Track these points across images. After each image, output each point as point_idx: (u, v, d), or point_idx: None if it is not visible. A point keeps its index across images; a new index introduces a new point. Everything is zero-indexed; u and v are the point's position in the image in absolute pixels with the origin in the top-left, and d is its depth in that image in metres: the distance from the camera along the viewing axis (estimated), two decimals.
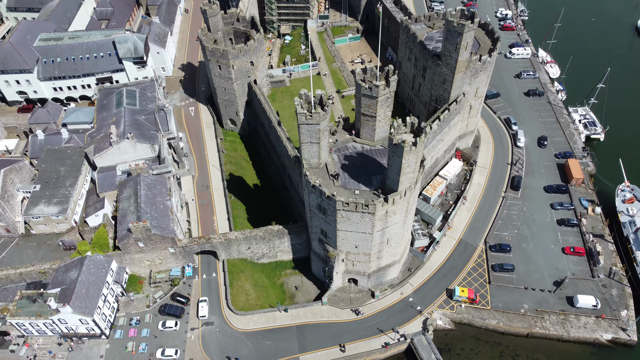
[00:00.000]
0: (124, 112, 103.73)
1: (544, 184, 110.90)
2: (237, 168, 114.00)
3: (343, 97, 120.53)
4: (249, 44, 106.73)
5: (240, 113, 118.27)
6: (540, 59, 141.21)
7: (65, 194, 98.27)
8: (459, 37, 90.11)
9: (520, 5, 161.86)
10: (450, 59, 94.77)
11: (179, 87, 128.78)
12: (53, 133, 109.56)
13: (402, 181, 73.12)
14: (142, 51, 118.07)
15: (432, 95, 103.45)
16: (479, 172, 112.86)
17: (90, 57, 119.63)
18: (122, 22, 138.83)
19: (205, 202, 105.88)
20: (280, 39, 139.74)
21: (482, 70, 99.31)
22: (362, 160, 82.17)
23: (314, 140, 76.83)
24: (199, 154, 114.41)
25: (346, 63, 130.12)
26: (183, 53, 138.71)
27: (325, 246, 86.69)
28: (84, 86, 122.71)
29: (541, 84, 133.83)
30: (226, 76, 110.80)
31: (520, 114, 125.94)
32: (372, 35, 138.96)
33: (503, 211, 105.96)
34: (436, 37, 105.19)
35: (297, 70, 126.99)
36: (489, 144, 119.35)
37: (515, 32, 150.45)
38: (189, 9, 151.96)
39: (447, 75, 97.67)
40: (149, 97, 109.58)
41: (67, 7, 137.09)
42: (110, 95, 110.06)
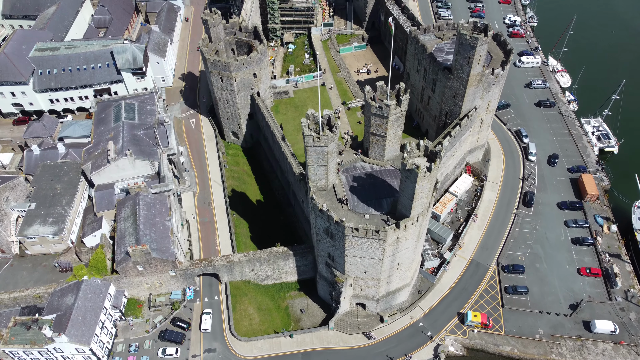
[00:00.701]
0: (122, 127, 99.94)
1: (557, 200, 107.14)
2: (240, 183, 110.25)
3: (349, 109, 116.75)
4: (252, 56, 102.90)
5: (242, 126, 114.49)
6: (550, 68, 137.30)
7: (62, 213, 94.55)
8: (472, 50, 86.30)
9: (528, 11, 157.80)
10: (462, 73, 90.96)
11: (179, 97, 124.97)
12: (49, 147, 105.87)
13: (414, 207, 69.38)
14: (141, 62, 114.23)
15: (442, 109, 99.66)
16: (489, 187, 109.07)
17: (87, 67, 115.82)
18: (121, 30, 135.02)
19: (207, 220, 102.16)
20: (284, 48, 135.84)
21: (494, 84, 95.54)
22: (372, 182, 78.39)
23: (322, 162, 73.07)
24: (200, 168, 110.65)
25: (351, 73, 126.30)
26: (183, 62, 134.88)
27: (333, 270, 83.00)
28: (81, 97, 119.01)
29: (552, 94, 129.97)
30: (228, 88, 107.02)
31: (531, 126, 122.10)
32: (378, 43, 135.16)
33: (515, 229, 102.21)
34: (446, 48, 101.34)
35: (301, 81, 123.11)
36: (499, 157, 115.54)
37: (525, 39, 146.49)
38: (189, 17, 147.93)
39: (459, 89, 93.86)
40: (149, 111, 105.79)
41: (64, 14, 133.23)
42: (108, 108, 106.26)
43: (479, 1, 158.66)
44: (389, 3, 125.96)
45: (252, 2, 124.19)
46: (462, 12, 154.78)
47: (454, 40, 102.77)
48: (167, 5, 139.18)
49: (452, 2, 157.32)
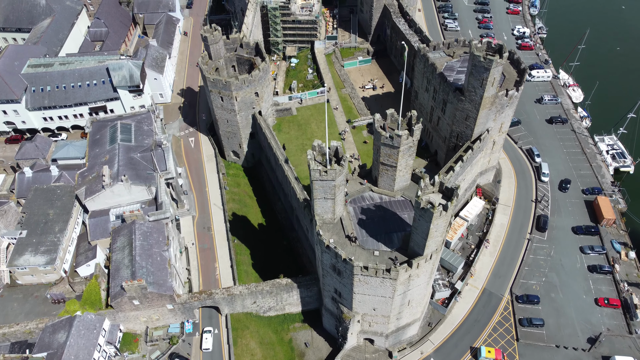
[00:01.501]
0: (117, 150, 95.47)
1: (572, 224, 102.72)
2: (241, 206, 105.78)
3: (354, 128, 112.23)
4: (254, 75, 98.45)
5: (243, 145, 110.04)
6: (561, 82, 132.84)
7: (54, 242, 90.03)
8: (486, 72, 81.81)
9: (538, 22, 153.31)
10: (475, 95, 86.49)
11: (178, 114, 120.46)
12: (42, 169, 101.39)
13: (428, 245, 64.97)
14: (138, 79, 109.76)
15: (453, 131, 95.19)
16: (501, 210, 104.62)
17: (82, 85, 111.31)
18: (118, 43, 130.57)
19: (207, 246, 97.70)
20: (286, 62, 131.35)
21: (508, 106, 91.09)
22: (381, 215, 73.96)
23: (329, 196, 68.66)
24: (200, 190, 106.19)
25: (356, 89, 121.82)
26: (182, 76, 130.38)
27: (340, 306, 78.56)
28: (76, 115, 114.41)
29: (564, 110, 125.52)
30: (229, 108, 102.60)
31: (543, 144, 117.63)
32: (384, 57, 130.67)
33: (529, 256, 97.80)
34: (457, 67, 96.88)
35: (304, 97, 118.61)
36: (510, 178, 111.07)
37: (534, 52, 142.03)
38: (189, 29, 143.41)
39: (471, 111, 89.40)
40: (146, 132, 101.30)
41: (58, 27, 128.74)
42: (103, 129, 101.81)
43: (486, 12, 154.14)
44: (395, 16, 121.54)
45: (254, 15, 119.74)
46: (469, 23, 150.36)
47: (465, 58, 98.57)
48: (166, 17, 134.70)
49: (459, 12, 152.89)
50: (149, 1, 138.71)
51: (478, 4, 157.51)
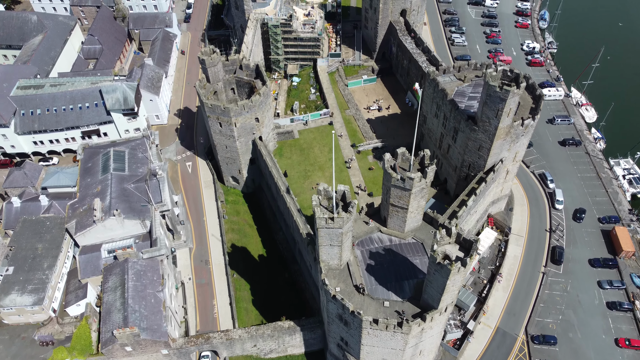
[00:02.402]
0: (110, 180, 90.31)
1: (589, 256, 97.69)
2: (240, 236, 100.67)
3: (359, 153, 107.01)
4: (254, 100, 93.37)
5: (243, 171, 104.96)
6: (573, 101, 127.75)
7: (42, 279, 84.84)
8: (502, 103, 76.70)
9: (547, 36, 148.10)
10: (489, 126, 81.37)
11: (175, 137, 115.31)
12: (31, 199, 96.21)
13: (444, 299, 59.86)
14: (133, 102, 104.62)
15: (465, 161, 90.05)
16: (514, 241, 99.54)
17: (74, 107, 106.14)
18: (112, 61, 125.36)
19: (204, 281, 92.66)
20: (287, 80, 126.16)
21: (523, 135, 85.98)
22: (391, 260, 68.84)
23: (335, 243, 63.59)
24: (197, 220, 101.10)
25: (361, 110, 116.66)
26: (179, 96, 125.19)
27: (346, 354, 73.46)
28: (67, 139, 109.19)
29: (577, 131, 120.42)
30: (227, 134, 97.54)
31: (556, 168, 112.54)
32: (389, 75, 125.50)
33: (544, 291, 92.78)
34: (468, 92, 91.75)
35: (307, 119, 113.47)
36: (523, 205, 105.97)
37: (545, 68, 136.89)
38: (187, 44, 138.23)
39: (484, 142, 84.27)
40: (140, 159, 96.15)
41: (50, 45, 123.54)
42: (95, 156, 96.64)
43: (494, 25, 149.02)
44: (401, 34, 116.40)
45: (254, 33, 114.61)
46: (477, 37, 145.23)
47: (477, 82, 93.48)
48: (162, 33, 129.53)
49: (467, 26, 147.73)
50: (145, 17, 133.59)
51: (486, 17, 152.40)
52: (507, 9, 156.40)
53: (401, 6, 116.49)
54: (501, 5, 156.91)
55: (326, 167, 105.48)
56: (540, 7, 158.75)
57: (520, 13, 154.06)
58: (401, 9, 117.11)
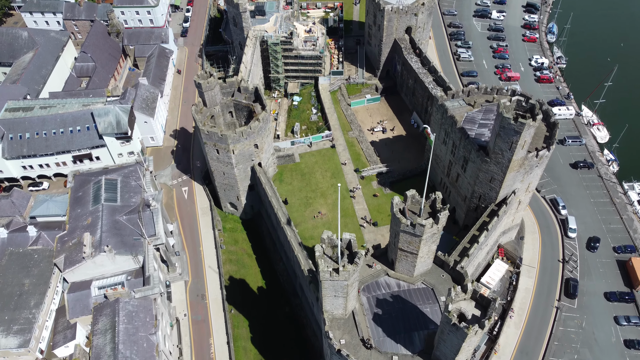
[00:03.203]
0: (101, 212, 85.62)
1: (605, 288, 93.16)
2: (239, 267, 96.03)
3: (363, 179, 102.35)
4: (253, 126, 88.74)
5: (241, 197, 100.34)
6: (584, 120, 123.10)
7: (29, 319, 79.99)
8: (516, 136, 72.09)
9: (556, 50, 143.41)
10: (502, 158, 76.76)
11: (170, 160, 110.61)
12: (18, 229, 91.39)
13: (458, 359, 55.20)
14: (126, 125, 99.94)
15: (475, 192, 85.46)
16: (525, 272, 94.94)
17: (65, 131, 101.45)
18: (106, 79, 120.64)
19: (201, 317, 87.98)
20: (288, 99, 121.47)
21: (537, 166, 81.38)
22: (400, 308, 64.28)
23: (340, 294, 58.99)
24: (193, 250, 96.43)
25: (364, 131, 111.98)
26: (175, 115, 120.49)
27: None
28: (58, 164, 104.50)
29: (589, 152, 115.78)
30: (225, 161, 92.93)
31: (568, 192, 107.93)
32: (393, 94, 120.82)
33: (558, 328, 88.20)
34: (478, 118, 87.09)
35: (308, 142, 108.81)
36: (534, 233, 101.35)
37: (554, 85, 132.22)
38: (183, 63, 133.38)
39: (496, 174, 79.67)
40: (133, 188, 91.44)
41: (41, 62, 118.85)
42: (86, 185, 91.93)
43: (501, 39, 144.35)
44: (406, 52, 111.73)
45: (253, 52, 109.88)
46: (483, 52, 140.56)
47: (487, 108, 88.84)
48: (158, 49, 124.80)
49: (473, 40, 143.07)
50: (140, 32, 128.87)
51: (492, 30, 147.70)
52: (514, 21, 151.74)
53: (406, 23, 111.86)
54: (508, 18, 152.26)
55: (328, 193, 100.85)
56: (548, 19, 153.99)
57: (528, 26, 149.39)
58: (406, 26, 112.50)
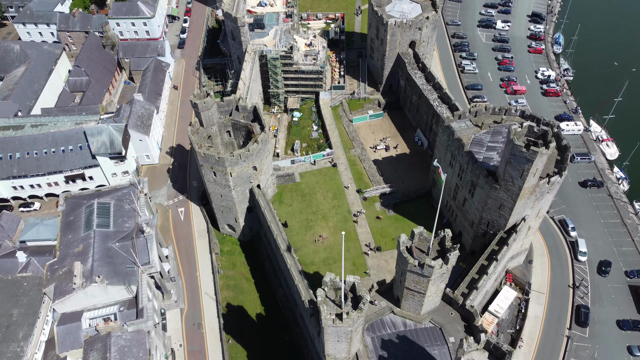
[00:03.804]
0: (93, 239, 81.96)
1: (617, 316, 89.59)
2: (236, 294, 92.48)
3: (365, 200, 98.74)
4: (251, 149, 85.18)
5: (240, 219, 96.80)
6: (593, 135, 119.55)
7: (17, 352, 76.60)
8: (528, 164, 68.57)
9: (562, 62, 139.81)
10: (512, 185, 73.24)
11: (167, 179, 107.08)
12: (7, 254, 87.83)
13: None
14: (120, 145, 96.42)
15: (483, 218, 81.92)
16: (534, 299, 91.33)
17: (57, 150, 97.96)
18: (100, 93, 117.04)
19: (197, 348, 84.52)
20: (287, 115, 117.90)
21: (549, 192, 77.85)
22: (406, 350, 60.79)
23: (343, 339, 55.39)
24: (190, 275, 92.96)
25: (367, 149, 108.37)
26: (172, 131, 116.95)
27: None
28: (50, 184, 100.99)
29: (598, 170, 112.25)
30: (222, 183, 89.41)
31: (577, 213, 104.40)
32: (396, 109, 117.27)
33: (570, 358, 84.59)
34: (486, 141, 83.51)
35: (309, 161, 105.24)
36: (543, 256, 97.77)
37: (561, 98, 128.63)
38: (180, 76, 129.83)
39: (506, 201, 76.16)
40: (126, 212, 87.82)
41: (34, 77, 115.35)
42: (78, 209, 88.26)
43: (506, 50, 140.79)
44: (410, 68, 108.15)
45: (251, 68, 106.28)
46: (488, 64, 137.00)
47: (495, 129, 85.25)
48: (154, 62, 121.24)
49: (477, 51, 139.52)
50: (136, 45, 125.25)
51: (497, 41, 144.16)
52: (520, 32, 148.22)
53: (410, 38, 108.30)
54: (513, 29, 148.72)
55: (329, 215, 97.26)
56: (555, 30, 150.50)
57: (534, 37, 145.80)
58: (410, 40, 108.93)
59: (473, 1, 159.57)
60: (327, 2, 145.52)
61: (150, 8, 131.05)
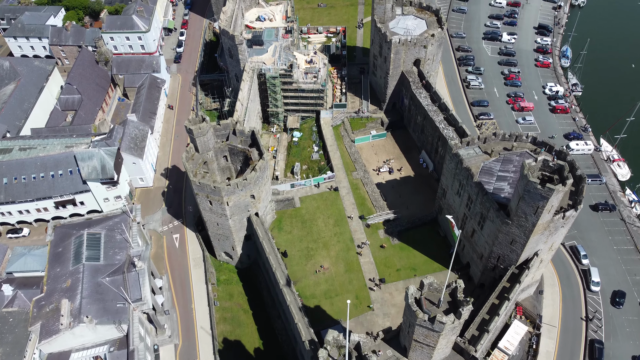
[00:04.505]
0: (82, 273, 77.77)
1: (633, 351, 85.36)
2: (234, 327, 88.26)
3: (369, 227, 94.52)
4: (249, 178, 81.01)
5: (237, 247, 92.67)
6: (604, 155, 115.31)
7: None
8: (543, 201, 64.40)
9: (570, 76, 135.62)
10: (526, 222, 69.10)
11: (161, 203, 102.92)
12: None
13: None
14: (112, 170, 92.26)
15: (494, 253, 77.75)
16: (546, 332, 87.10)
17: (46, 175, 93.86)
18: (93, 112, 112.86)
19: None
20: (287, 134, 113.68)
21: (563, 226, 73.67)
22: None
23: None
24: (184, 308, 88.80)
25: (370, 171, 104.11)
26: (167, 151, 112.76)
27: None
28: (39, 209, 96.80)
29: (609, 192, 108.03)
30: (219, 212, 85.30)
31: (589, 238, 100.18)
32: (400, 128, 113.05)
33: None
34: (496, 170, 79.28)
35: (308, 184, 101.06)
36: (554, 286, 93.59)
37: (570, 116, 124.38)
38: (176, 92, 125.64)
39: (518, 237, 72.02)
40: (118, 243, 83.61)
41: (24, 95, 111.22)
42: (67, 239, 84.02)
43: (512, 64, 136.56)
44: (414, 87, 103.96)
45: (249, 88, 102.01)
46: (494, 79, 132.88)
47: (506, 157, 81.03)
48: (149, 79, 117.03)
49: (483, 66, 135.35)
50: (130, 60, 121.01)
51: (503, 54, 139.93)
52: (526, 45, 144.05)
53: (415, 56, 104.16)
54: (519, 41, 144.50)
55: (331, 244, 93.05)
56: (562, 42, 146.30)
57: (541, 50, 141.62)
58: (415, 58, 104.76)
59: (478, 12, 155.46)
60: (328, 14, 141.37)
61: (145, 22, 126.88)
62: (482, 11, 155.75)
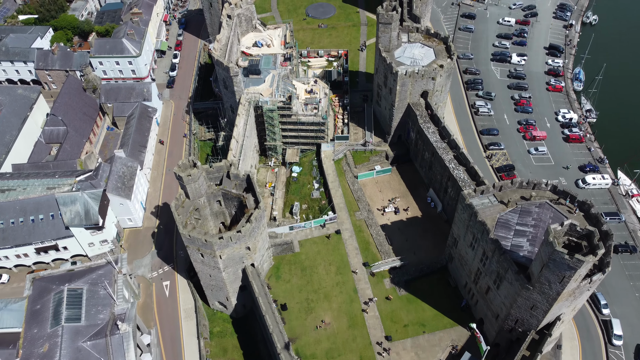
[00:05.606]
0: (61, 337, 71.29)
1: None
2: None
3: (373, 276, 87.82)
4: (244, 230, 74.30)
5: (231, 298, 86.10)
6: (622, 189, 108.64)
7: None
8: (570, 271, 57.73)
9: (584, 102, 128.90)
10: (549, 290, 62.45)
11: (151, 244, 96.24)
12: None
13: None
14: (97, 215, 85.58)
15: (511, 315, 71.05)
16: None
17: (25, 220, 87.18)
18: (79, 144, 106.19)
19: None
20: (286, 169, 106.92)
21: (589, 290, 67.00)
22: None
23: None
24: None
25: (374, 211, 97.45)
26: (158, 187, 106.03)
27: None
28: (19, 255, 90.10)
29: (629, 232, 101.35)
30: (211, 265, 78.68)
31: (608, 284, 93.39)
32: (405, 162, 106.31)
33: None
34: (514, 223, 72.62)
35: (309, 226, 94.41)
36: (573, 340, 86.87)
37: (585, 145, 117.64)
38: (168, 120, 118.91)
39: (540, 303, 65.38)
40: (101, 299, 77.02)
41: (5, 127, 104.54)
42: (46, 295, 77.35)
43: (523, 88, 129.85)
44: (422, 121, 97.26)
45: (245, 122, 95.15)
46: (504, 103, 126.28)
47: (523, 208, 74.32)
48: (140, 108, 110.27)
49: (492, 90, 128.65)
50: (120, 88, 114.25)
51: (513, 77, 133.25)
52: (537, 67, 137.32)
53: (422, 88, 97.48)
54: (529, 63, 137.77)
55: (333, 295, 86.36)
56: (574, 64, 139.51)
57: (552, 72, 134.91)
58: (422, 90, 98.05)
59: (485, 31, 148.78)
60: (329, 36, 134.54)
61: (136, 45, 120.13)
62: (490, 30, 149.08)
